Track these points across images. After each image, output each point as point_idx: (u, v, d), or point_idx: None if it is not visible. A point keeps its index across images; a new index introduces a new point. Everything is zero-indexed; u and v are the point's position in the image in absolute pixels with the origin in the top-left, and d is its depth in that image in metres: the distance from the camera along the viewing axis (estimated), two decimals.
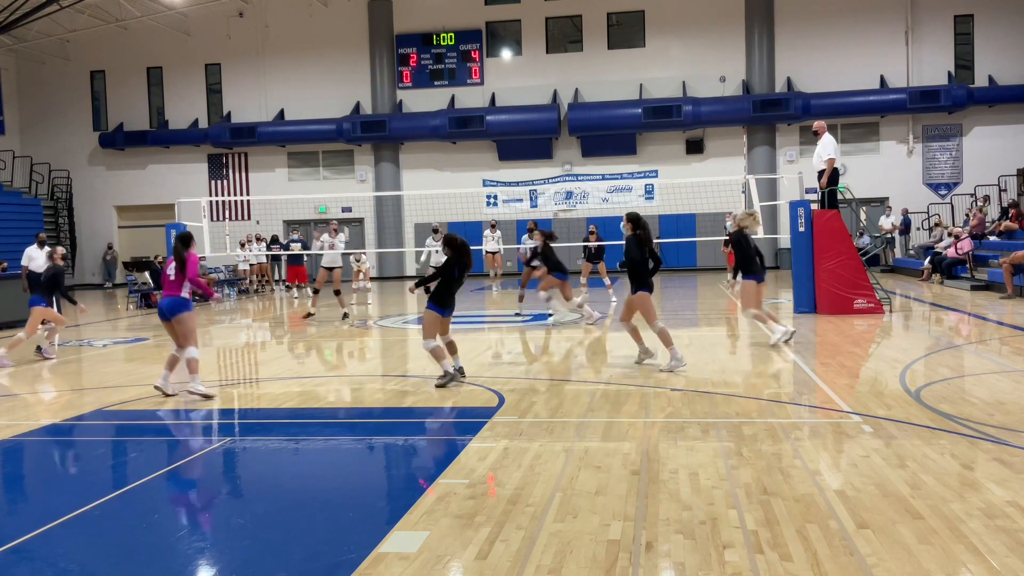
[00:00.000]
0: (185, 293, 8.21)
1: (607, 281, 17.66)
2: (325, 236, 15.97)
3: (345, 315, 15.02)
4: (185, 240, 8.31)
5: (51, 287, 11.73)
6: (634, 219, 8.84)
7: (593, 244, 17.25)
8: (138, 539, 4.42)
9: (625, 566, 3.77)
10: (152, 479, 5.58)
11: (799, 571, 3.65)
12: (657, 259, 8.85)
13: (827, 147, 13.67)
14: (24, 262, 14.75)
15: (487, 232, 21.25)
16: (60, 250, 12.40)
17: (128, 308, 20.19)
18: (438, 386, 8.20)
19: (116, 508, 4.96)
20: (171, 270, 8.23)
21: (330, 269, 15.82)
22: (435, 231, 15.63)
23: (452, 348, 8.57)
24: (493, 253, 21.08)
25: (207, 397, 8.09)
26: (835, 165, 13.74)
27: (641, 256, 8.75)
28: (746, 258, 10.42)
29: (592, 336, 12.26)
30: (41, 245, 15.32)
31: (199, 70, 30.66)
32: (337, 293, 15.77)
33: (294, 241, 21.82)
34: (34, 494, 5.58)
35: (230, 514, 4.88)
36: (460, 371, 8.50)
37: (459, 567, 3.85)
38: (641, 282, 8.73)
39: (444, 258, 8.35)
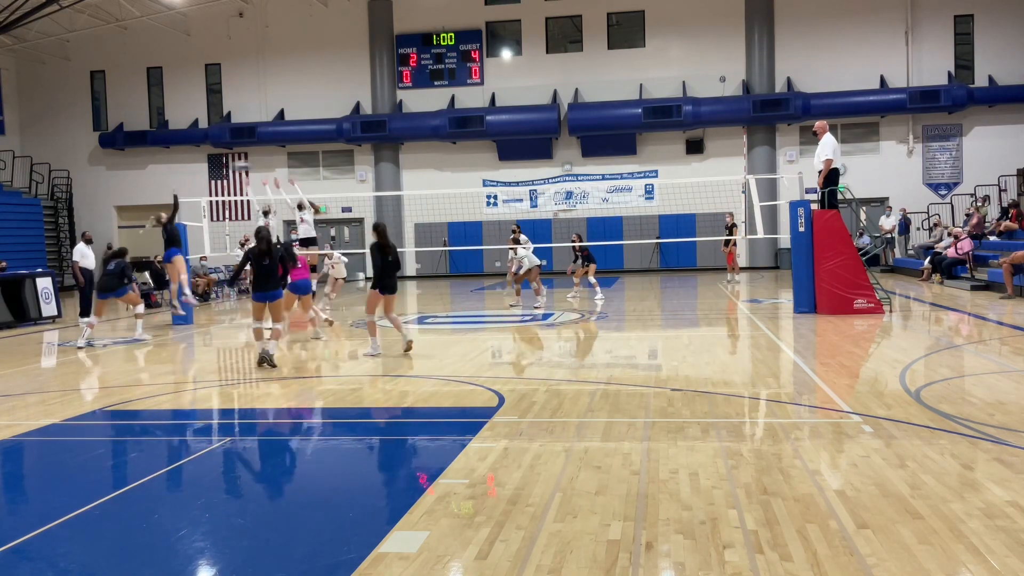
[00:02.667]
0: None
1: (593, 280, 17.59)
2: (293, 236, 16.67)
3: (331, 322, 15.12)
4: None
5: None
6: (377, 230, 10.48)
7: (578, 246, 17.49)
8: (138, 539, 4.42)
9: (625, 566, 3.77)
10: (152, 479, 5.58)
11: (799, 571, 3.65)
12: (397, 264, 10.49)
13: (825, 147, 13.68)
14: (76, 258, 16.49)
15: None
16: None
17: (128, 308, 20.17)
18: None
19: (116, 508, 4.96)
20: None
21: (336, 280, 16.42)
22: (516, 239, 16.40)
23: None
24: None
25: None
26: (835, 165, 13.74)
27: (382, 262, 10.38)
28: None
29: (592, 336, 12.26)
30: (89, 243, 16.85)
31: (199, 70, 30.65)
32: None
33: (292, 241, 21.79)
34: (34, 494, 5.58)
35: (230, 514, 4.88)
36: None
37: (459, 567, 3.85)
38: (377, 282, 10.41)
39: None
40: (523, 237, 16.71)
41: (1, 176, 29.11)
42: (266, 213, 17.07)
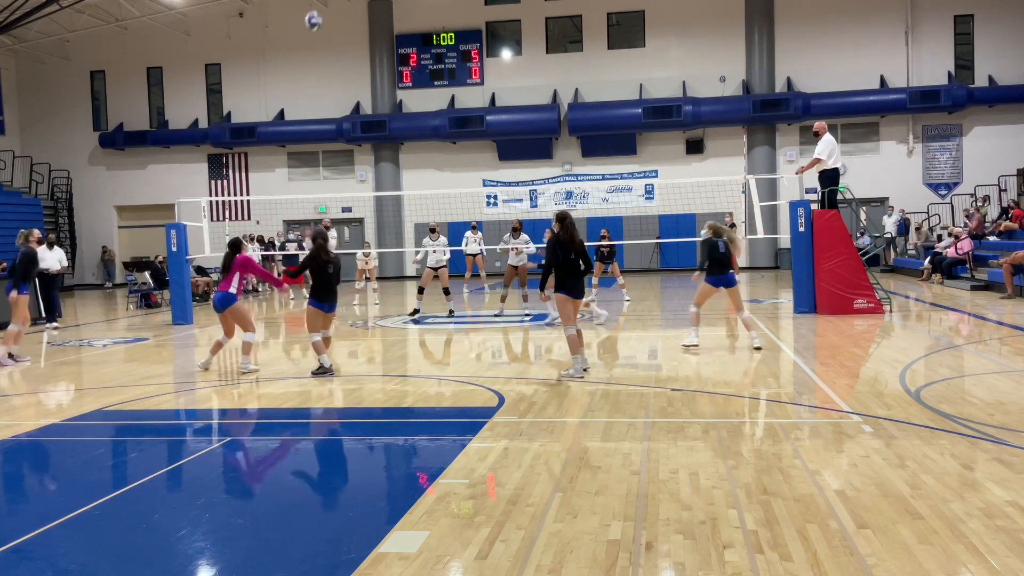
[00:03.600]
0: (232, 289, 9.66)
1: (621, 280, 17.57)
2: (293, 235, 16.16)
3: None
4: (233, 246, 9.86)
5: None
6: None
7: (605, 246, 17.11)
8: (138, 539, 4.42)
9: (625, 566, 3.77)
10: (152, 479, 5.58)
11: (799, 571, 3.65)
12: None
13: (822, 145, 13.68)
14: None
15: (468, 234, 20.09)
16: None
17: (128, 308, 20.18)
18: (314, 373, 9.22)
19: (116, 508, 4.96)
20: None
21: None
22: (432, 231, 15.62)
23: (327, 343, 9.58)
24: (474, 255, 20.20)
25: (252, 372, 9.59)
26: (835, 165, 13.74)
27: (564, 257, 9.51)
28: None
29: (592, 336, 12.25)
30: (50, 245, 16.42)
31: (199, 70, 30.66)
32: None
33: (291, 241, 21.78)
34: (34, 494, 5.58)
35: (230, 514, 4.88)
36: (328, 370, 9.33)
37: (459, 567, 3.85)
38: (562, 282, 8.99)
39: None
40: (524, 236, 16.58)
41: (1, 176, 29.11)
42: (433, 231, 16.25)
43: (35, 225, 27.85)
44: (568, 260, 8.59)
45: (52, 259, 16.62)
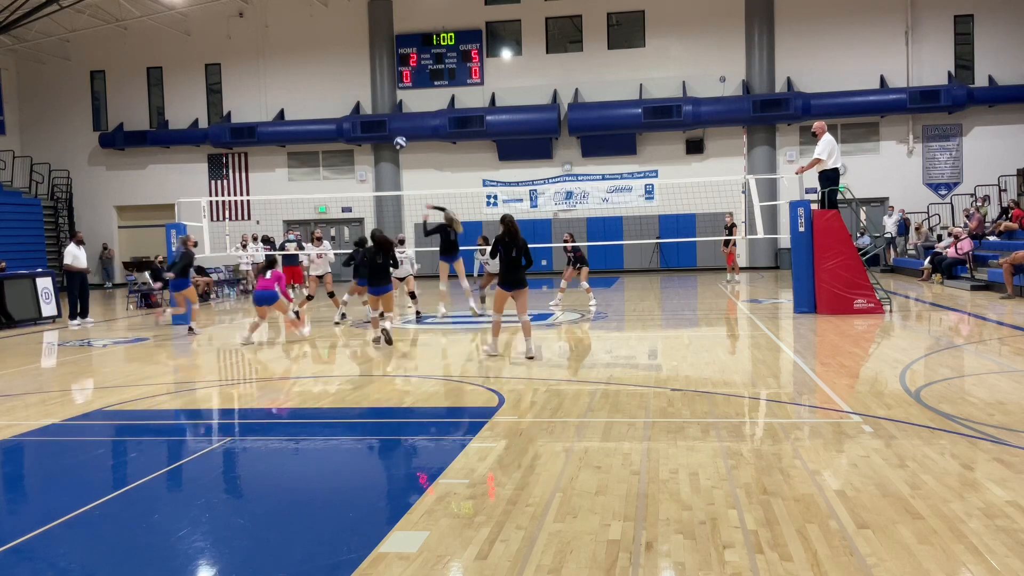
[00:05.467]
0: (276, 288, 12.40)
1: (585, 286, 17.10)
2: (292, 236, 16.71)
3: (343, 315, 15.04)
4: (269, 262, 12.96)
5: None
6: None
7: (569, 247, 16.76)
8: (138, 539, 4.42)
9: (625, 566, 3.77)
10: (152, 479, 5.58)
11: (799, 571, 3.65)
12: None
13: (822, 144, 13.68)
14: (68, 260, 16.69)
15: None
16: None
17: (128, 308, 20.19)
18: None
19: (116, 508, 4.96)
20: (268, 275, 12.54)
21: (320, 276, 16.16)
22: (401, 242, 15.86)
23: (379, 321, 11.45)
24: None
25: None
26: (835, 165, 13.74)
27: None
28: None
29: (592, 336, 12.26)
30: (81, 244, 17.15)
31: (199, 70, 30.66)
32: (331, 295, 15.86)
33: (290, 241, 21.77)
34: (34, 494, 5.58)
35: (230, 514, 4.88)
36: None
37: (459, 567, 3.85)
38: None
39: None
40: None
41: (1, 176, 29.12)
42: (402, 242, 16.28)
43: (35, 225, 27.99)
44: (510, 257, 9.80)
45: (83, 257, 16.85)
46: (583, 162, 28.59)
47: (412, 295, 15.48)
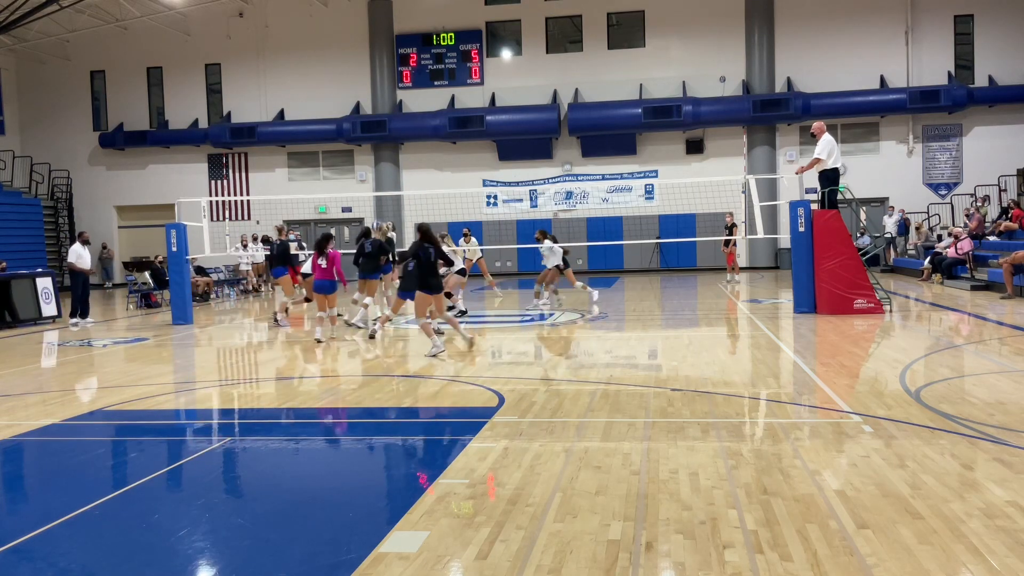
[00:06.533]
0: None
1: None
2: (292, 236, 17.07)
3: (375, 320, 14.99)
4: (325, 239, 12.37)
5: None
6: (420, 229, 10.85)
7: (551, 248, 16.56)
8: (138, 539, 4.42)
9: (625, 566, 3.77)
10: (152, 479, 5.58)
11: (799, 571, 3.65)
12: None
13: (822, 144, 13.68)
14: (72, 259, 16.70)
15: (461, 241, 18.44)
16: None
17: (128, 308, 20.19)
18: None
19: (116, 508, 4.96)
20: (321, 261, 12.21)
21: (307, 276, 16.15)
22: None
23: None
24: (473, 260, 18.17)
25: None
26: (835, 165, 13.74)
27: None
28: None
29: (592, 336, 12.26)
30: (86, 244, 17.31)
31: (199, 70, 30.66)
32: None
33: (291, 240, 21.75)
34: (34, 494, 5.58)
35: (230, 514, 4.88)
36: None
37: (459, 567, 3.85)
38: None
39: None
40: (474, 240, 17.40)
41: (1, 176, 29.12)
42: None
43: (35, 225, 28.00)
44: (429, 262, 10.35)
45: (88, 257, 16.86)
46: (583, 162, 28.59)
47: (448, 295, 15.18)
